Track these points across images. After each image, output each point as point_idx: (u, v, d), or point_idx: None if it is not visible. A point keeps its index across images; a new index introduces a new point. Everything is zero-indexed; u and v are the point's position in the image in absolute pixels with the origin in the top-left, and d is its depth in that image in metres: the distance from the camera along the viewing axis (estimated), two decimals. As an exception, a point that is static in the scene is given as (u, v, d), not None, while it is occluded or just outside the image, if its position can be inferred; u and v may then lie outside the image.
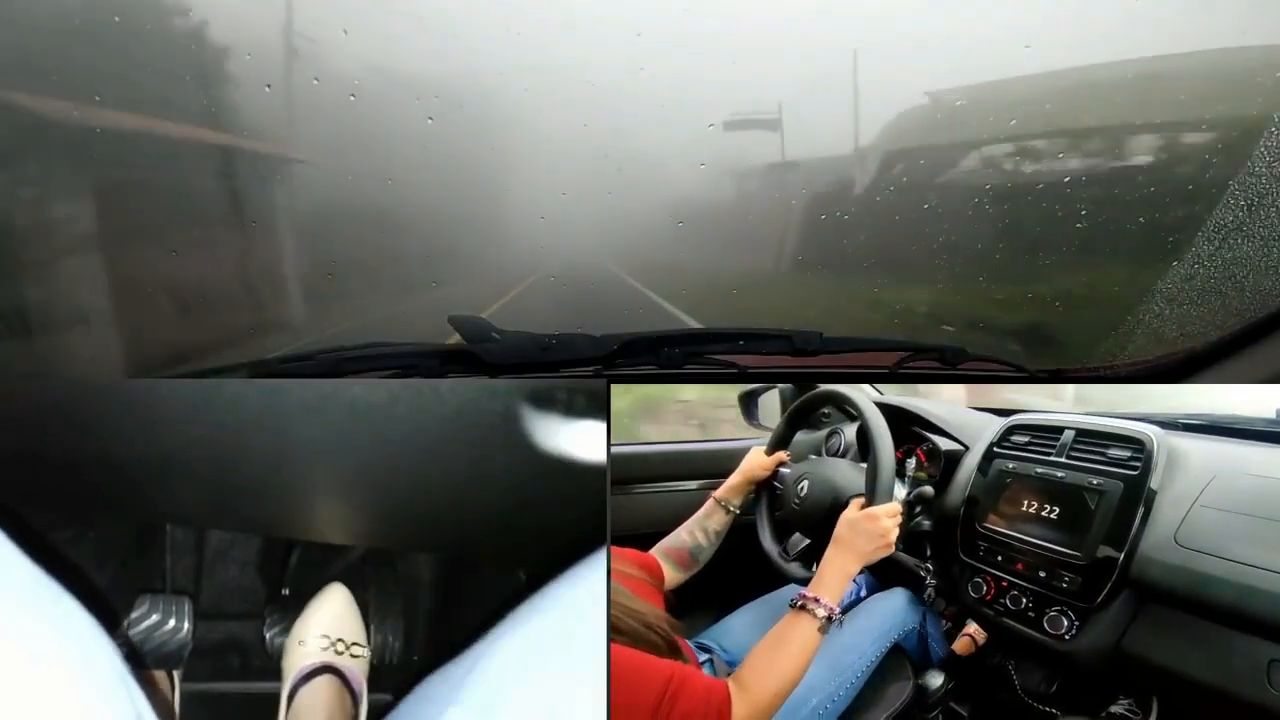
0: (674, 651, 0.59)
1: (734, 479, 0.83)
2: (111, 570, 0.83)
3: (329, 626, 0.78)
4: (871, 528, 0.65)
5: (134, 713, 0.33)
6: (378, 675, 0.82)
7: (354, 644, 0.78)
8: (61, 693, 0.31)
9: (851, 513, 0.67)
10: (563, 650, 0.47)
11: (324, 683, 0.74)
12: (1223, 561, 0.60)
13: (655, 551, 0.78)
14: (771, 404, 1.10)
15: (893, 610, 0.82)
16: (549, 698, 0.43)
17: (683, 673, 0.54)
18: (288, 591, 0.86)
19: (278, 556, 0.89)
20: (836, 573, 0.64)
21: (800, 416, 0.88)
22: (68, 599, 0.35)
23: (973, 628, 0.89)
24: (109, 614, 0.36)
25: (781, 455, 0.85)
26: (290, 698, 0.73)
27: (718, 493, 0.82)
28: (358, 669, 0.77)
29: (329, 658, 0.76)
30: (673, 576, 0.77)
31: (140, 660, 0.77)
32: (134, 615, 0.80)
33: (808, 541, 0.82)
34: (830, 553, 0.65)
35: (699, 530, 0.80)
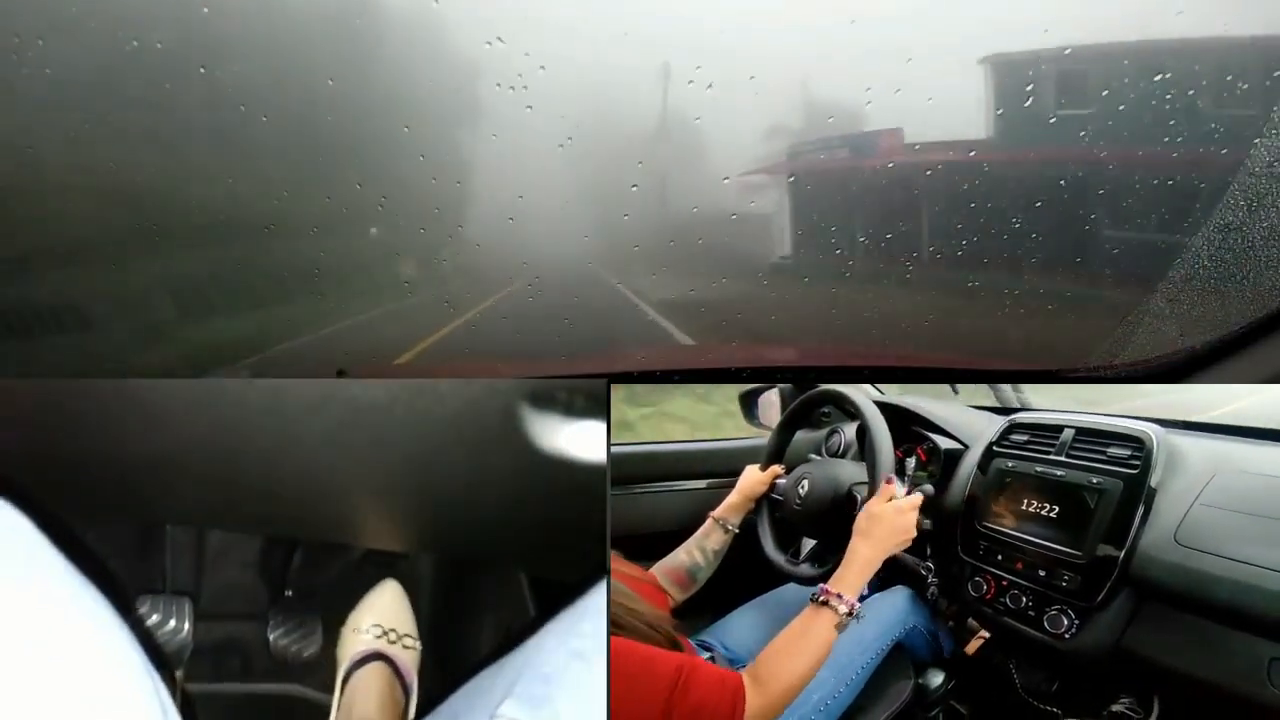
0: (676, 651, 0.59)
1: (732, 498, 0.83)
2: (111, 570, 0.83)
3: (382, 617, 0.80)
4: (895, 519, 0.65)
5: (159, 705, 0.33)
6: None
7: (405, 635, 0.80)
8: (94, 683, 0.32)
9: (874, 505, 0.67)
10: (564, 648, 0.47)
11: (376, 669, 0.76)
12: (1223, 560, 0.60)
13: (654, 571, 0.78)
14: (771, 404, 1.10)
15: (895, 609, 0.82)
16: (549, 695, 0.43)
17: (692, 664, 0.54)
18: (291, 593, 0.86)
19: (279, 557, 0.89)
20: (860, 566, 0.64)
21: (794, 423, 0.88)
22: (93, 591, 0.35)
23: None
24: (121, 609, 0.36)
25: (776, 469, 0.85)
26: (344, 681, 0.76)
27: (716, 512, 0.82)
28: (408, 660, 0.79)
29: (382, 646, 0.78)
30: (671, 596, 0.77)
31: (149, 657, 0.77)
32: (133, 611, 0.80)
33: (814, 543, 0.82)
34: (854, 545, 0.65)
35: (697, 550, 0.80)
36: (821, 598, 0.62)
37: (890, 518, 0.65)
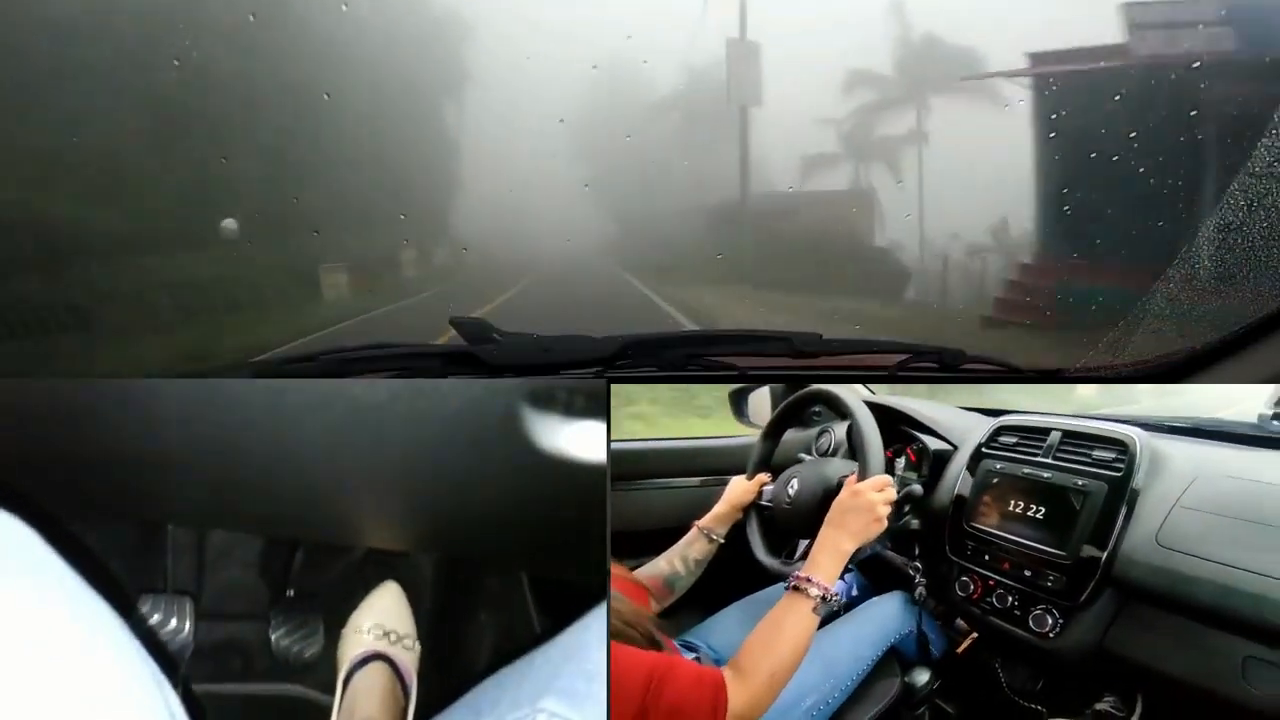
0: (655, 648, 0.59)
1: (718, 508, 0.83)
2: (111, 570, 0.83)
3: (383, 618, 0.82)
4: (859, 503, 0.66)
5: (166, 707, 0.34)
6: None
7: (406, 636, 0.82)
8: (99, 690, 0.32)
9: (842, 494, 0.68)
10: (561, 650, 0.48)
11: (378, 669, 0.78)
12: (1202, 561, 0.62)
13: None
14: (761, 402, 1.10)
15: (889, 614, 0.83)
16: (592, 691, 0.44)
17: (667, 663, 0.54)
18: (293, 593, 0.87)
19: (279, 557, 0.90)
20: (830, 552, 0.64)
21: (780, 427, 0.88)
22: (102, 601, 0.36)
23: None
24: (126, 614, 0.37)
25: (763, 477, 0.85)
26: (346, 682, 0.77)
27: (701, 521, 0.82)
28: (409, 661, 0.80)
29: (383, 646, 0.80)
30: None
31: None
32: (135, 615, 0.81)
33: (806, 542, 0.83)
34: (823, 533, 0.66)
35: (678, 559, 0.79)
36: (794, 583, 0.62)
37: (852, 503, 0.66)
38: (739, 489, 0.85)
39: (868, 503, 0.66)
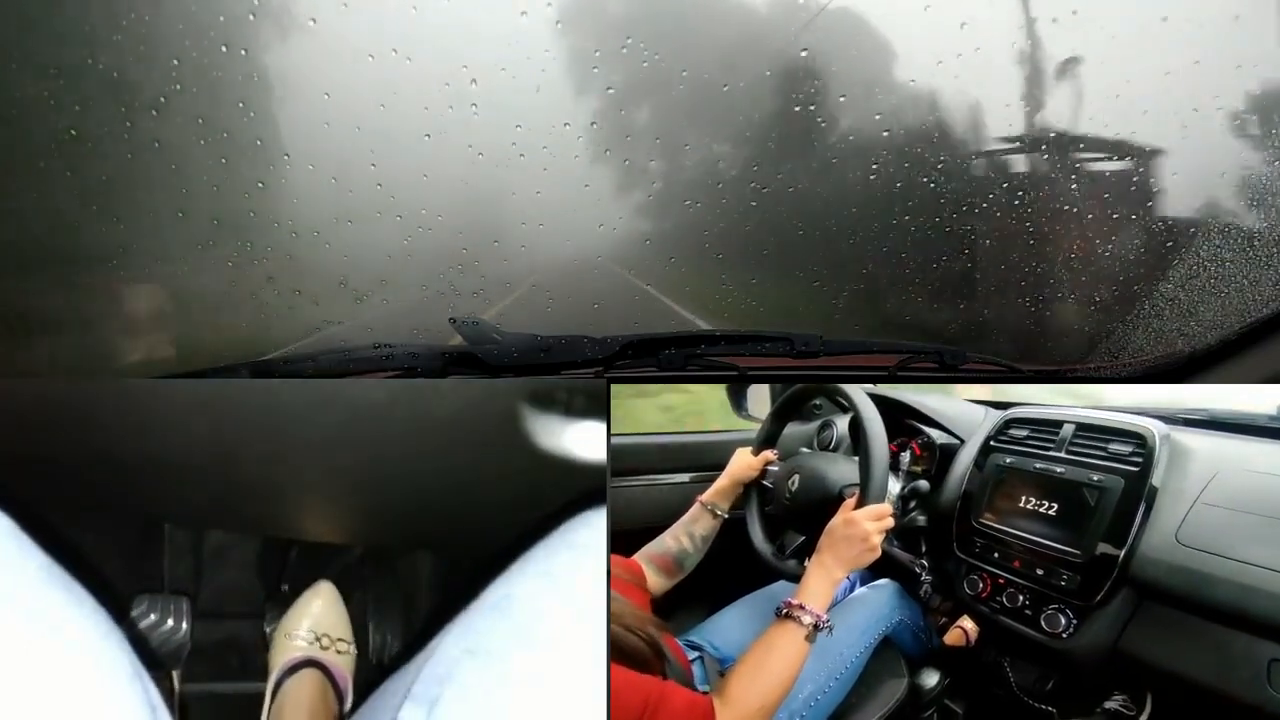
0: (657, 654, 0.58)
1: (721, 482, 0.82)
2: (111, 570, 0.83)
3: (316, 622, 0.79)
4: (854, 533, 0.65)
5: (149, 705, 0.33)
6: (372, 674, 0.82)
7: (339, 640, 0.79)
8: (82, 685, 0.32)
9: (836, 519, 0.67)
10: (558, 650, 0.47)
11: (308, 676, 0.75)
12: (1224, 560, 0.60)
13: (639, 557, 0.77)
14: (760, 395, 1.09)
15: (881, 602, 0.82)
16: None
17: (662, 690, 0.53)
18: (286, 588, 0.87)
19: (278, 556, 0.90)
20: (821, 580, 0.63)
21: (788, 411, 0.87)
22: (84, 594, 0.35)
23: (966, 621, 0.89)
24: (114, 611, 0.37)
25: (768, 454, 0.84)
26: (275, 690, 0.75)
27: (704, 496, 0.81)
28: (343, 665, 0.78)
29: (314, 652, 0.77)
30: (657, 583, 0.76)
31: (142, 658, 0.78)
32: (133, 614, 0.81)
33: (802, 538, 0.82)
34: (815, 560, 0.65)
35: (684, 535, 0.79)
36: (785, 611, 0.61)
37: (846, 532, 0.65)
38: (742, 462, 0.84)
39: (862, 533, 0.65)
